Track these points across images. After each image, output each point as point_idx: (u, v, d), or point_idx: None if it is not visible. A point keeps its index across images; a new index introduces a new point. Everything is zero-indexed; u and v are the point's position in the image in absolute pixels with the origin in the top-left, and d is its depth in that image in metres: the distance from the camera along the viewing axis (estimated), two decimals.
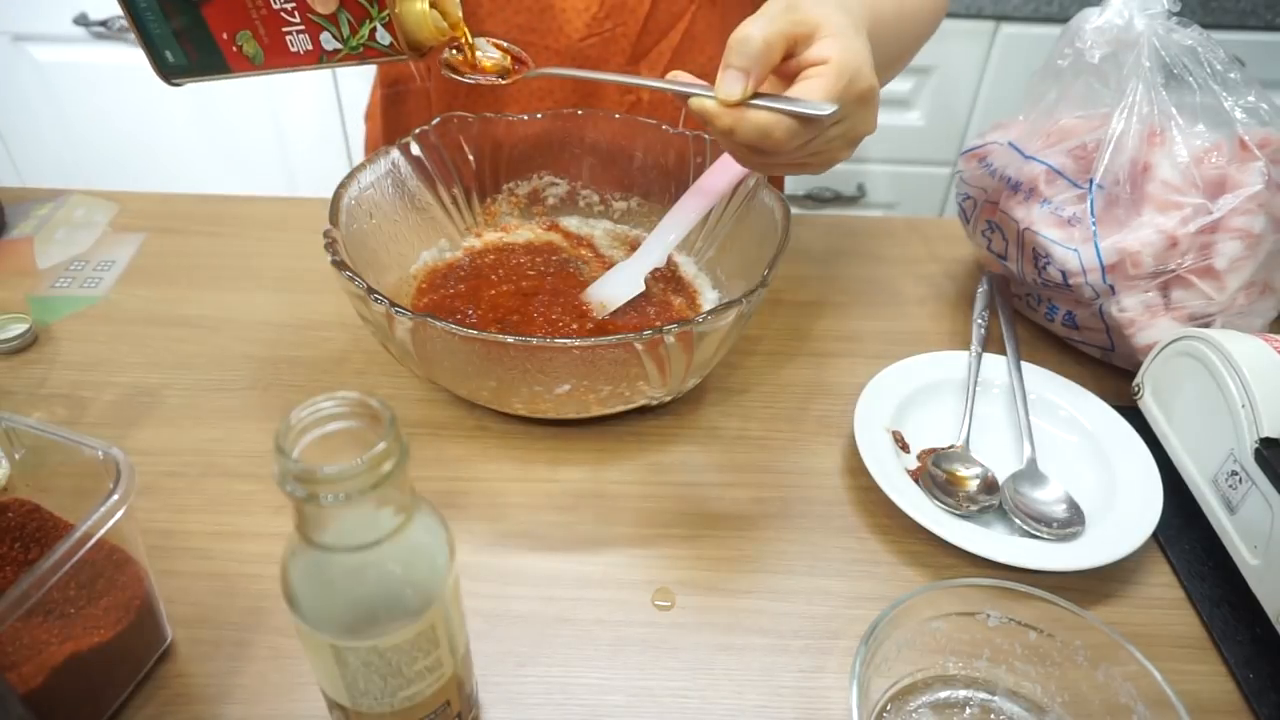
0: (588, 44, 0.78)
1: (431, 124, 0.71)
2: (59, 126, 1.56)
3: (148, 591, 0.45)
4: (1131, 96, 0.63)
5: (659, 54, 0.80)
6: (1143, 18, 0.63)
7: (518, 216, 0.78)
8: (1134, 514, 0.54)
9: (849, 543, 0.55)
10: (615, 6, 0.77)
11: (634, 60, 0.80)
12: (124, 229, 0.81)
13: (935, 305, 0.76)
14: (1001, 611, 0.45)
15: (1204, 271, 0.62)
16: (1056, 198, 0.66)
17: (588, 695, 0.47)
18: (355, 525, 0.33)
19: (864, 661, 0.41)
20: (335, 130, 1.55)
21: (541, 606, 0.51)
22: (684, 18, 0.79)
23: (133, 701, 0.45)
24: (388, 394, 0.64)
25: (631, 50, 0.79)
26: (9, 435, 0.45)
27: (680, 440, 0.62)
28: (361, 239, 0.63)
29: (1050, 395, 0.64)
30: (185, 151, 1.58)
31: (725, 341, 0.57)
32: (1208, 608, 0.52)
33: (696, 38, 0.81)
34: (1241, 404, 0.52)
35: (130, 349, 0.68)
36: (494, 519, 0.56)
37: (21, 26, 1.45)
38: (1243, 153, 0.62)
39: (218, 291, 0.74)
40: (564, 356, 0.52)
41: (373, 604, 0.35)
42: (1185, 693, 0.41)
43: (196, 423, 0.61)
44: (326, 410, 0.33)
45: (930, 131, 1.50)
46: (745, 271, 0.65)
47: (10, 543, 0.44)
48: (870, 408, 0.61)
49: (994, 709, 0.46)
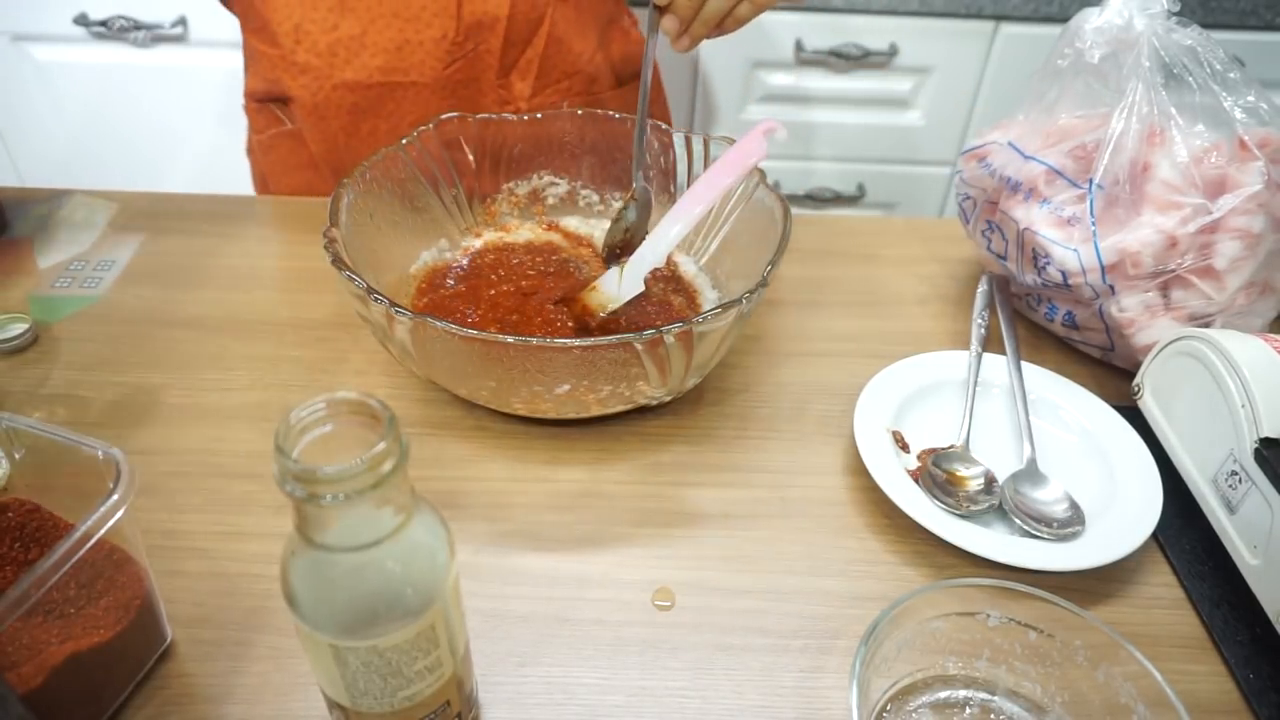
0: (454, 70, 0.77)
1: (431, 124, 0.71)
2: (59, 126, 1.55)
3: (148, 591, 0.45)
4: (1131, 96, 0.63)
5: (527, 62, 0.80)
6: (1142, 18, 0.63)
7: (518, 216, 0.78)
8: (1134, 514, 0.54)
9: (849, 543, 0.55)
10: (472, 27, 0.76)
11: (504, 74, 0.79)
12: (124, 229, 0.81)
13: (935, 305, 0.76)
14: (1001, 611, 0.45)
15: (1204, 271, 0.62)
16: (1056, 198, 0.66)
17: (588, 695, 0.47)
18: (355, 525, 0.33)
19: (864, 661, 0.41)
20: None
21: (541, 606, 0.51)
22: (544, 22, 0.79)
23: (133, 701, 0.45)
24: (388, 394, 0.64)
25: (499, 65, 0.78)
26: (9, 435, 0.45)
27: (680, 440, 0.62)
28: (361, 239, 0.63)
29: (1050, 395, 0.64)
30: (185, 152, 1.58)
31: (725, 341, 0.57)
32: (1208, 608, 0.52)
33: (561, 39, 0.80)
34: (1241, 404, 0.52)
35: (130, 349, 0.68)
36: (494, 519, 0.56)
37: (21, 26, 1.45)
38: (1242, 153, 0.62)
39: (218, 291, 0.74)
40: (564, 356, 0.52)
41: (373, 604, 0.35)
42: (1185, 693, 0.41)
43: (196, 423, 0.61)
44: (326, 410, 0.33)
45: (930, 131, 1.50)
46: (745, 271, 0.65)
47: (10, 543, 0.44)
48: (870, 408, 0.61)
49: (994, 709, 0.46)
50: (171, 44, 1.46)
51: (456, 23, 0.75)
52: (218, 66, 1.47)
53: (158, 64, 1.48)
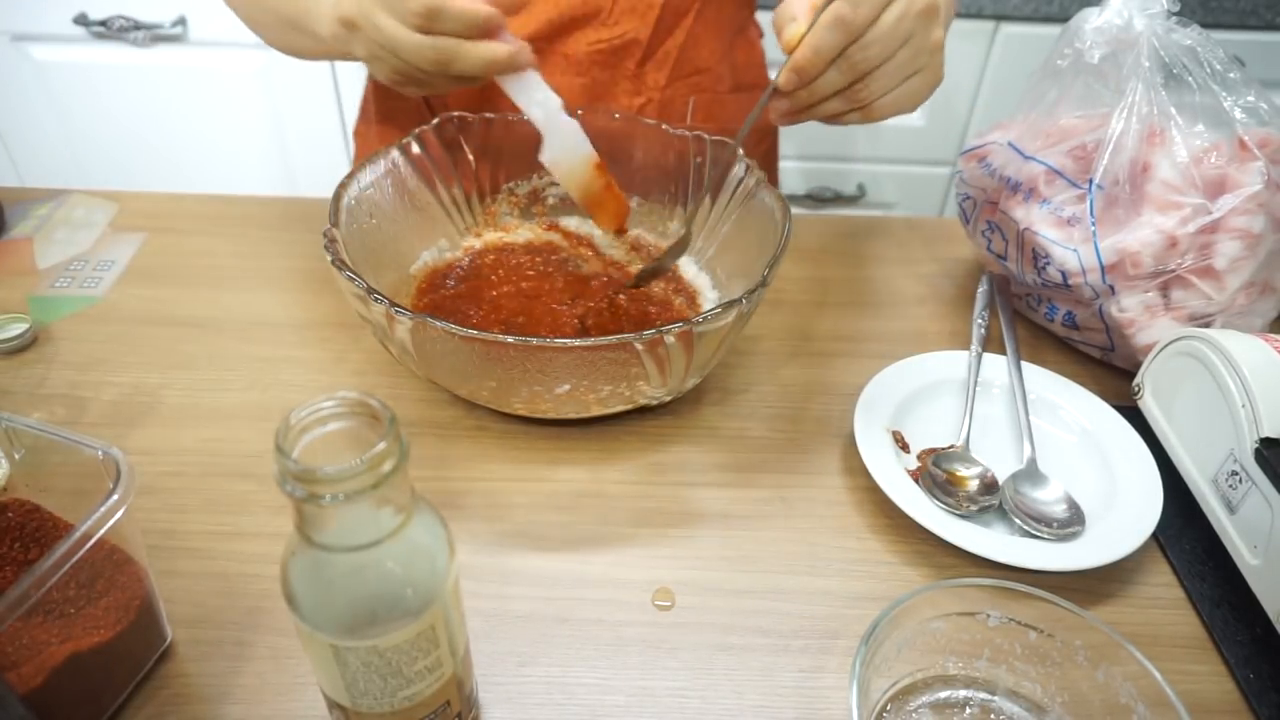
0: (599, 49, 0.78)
1: (431, 124, 0.71)
2: (59, 126, 1.56)
3: (148, 591, 0.45)
4: (1131, 96, 0.63)
5: (665, 53, 0.80)
6: (1142, 17, 0.63)
7: (518, 216, 0.78)
8: (1134, 514, 0.54)
9: (849, 543, 0.55)
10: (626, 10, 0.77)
11: (643, 62, 0.80)
12: (124, 229, 0.81)
13: (935, 305, 0.76)
14: (1001, 611, 0.45)
15: (1204, 271, 0.62)
16: (1056, 198, 0.66)
17: (588, 695, 0.47)
18: (355, 525, 0.33)
19: (864, 661, 0.41)
20: (335, 130, 1.55)
21: (541, 606, 0.51)
22: (689, 15, 0.80)
23: (133, 701, 0.45)
24: (388, 394, 0.64)
25: (642, 53, 0.79)
26: (9, 435, 0.45)
27: (680, 440, 0.62)
28: (361, 239, 0.63)
29: (1050, 395, 0.64)
30: (185, 151, 1.58)
31: (725, 341, 0.57)
32: (1208, 608, 0.52)
33: (699, 36, 0.81)
34: (1241, 404, 0.52)
35: (130, 349, 0.68)
36: (494, 519, 0.56)
37: (21, 26, 1.45)
38: (1242, 153, 0.62)
39: (218, 291, 0.74)
40: (564, 356, 0.52)
41: (373, 604, 0.35)
42: (1185, 693, 0.41)
43: (196, 423, 0.61)
44: (326, 410, 0.33)
45: (930, 131, 1.50)
46: (745, 271, 0.65)
47: (10, 543, 0.44)
48: (870, 408, 0.61)
49: (994, 709, 0.46)
50: (171, 44, 1.46)
51: (612, 2, 0.76)
52: (217, 66, 1.48)
53: (157, 64, 1.48)
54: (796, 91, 0.56)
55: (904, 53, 0.55)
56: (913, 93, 0.58)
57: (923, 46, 0.56)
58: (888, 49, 0.54)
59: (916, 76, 0.57)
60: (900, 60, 0.55)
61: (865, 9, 0.52)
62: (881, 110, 0.58)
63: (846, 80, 0.55)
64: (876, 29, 0.53)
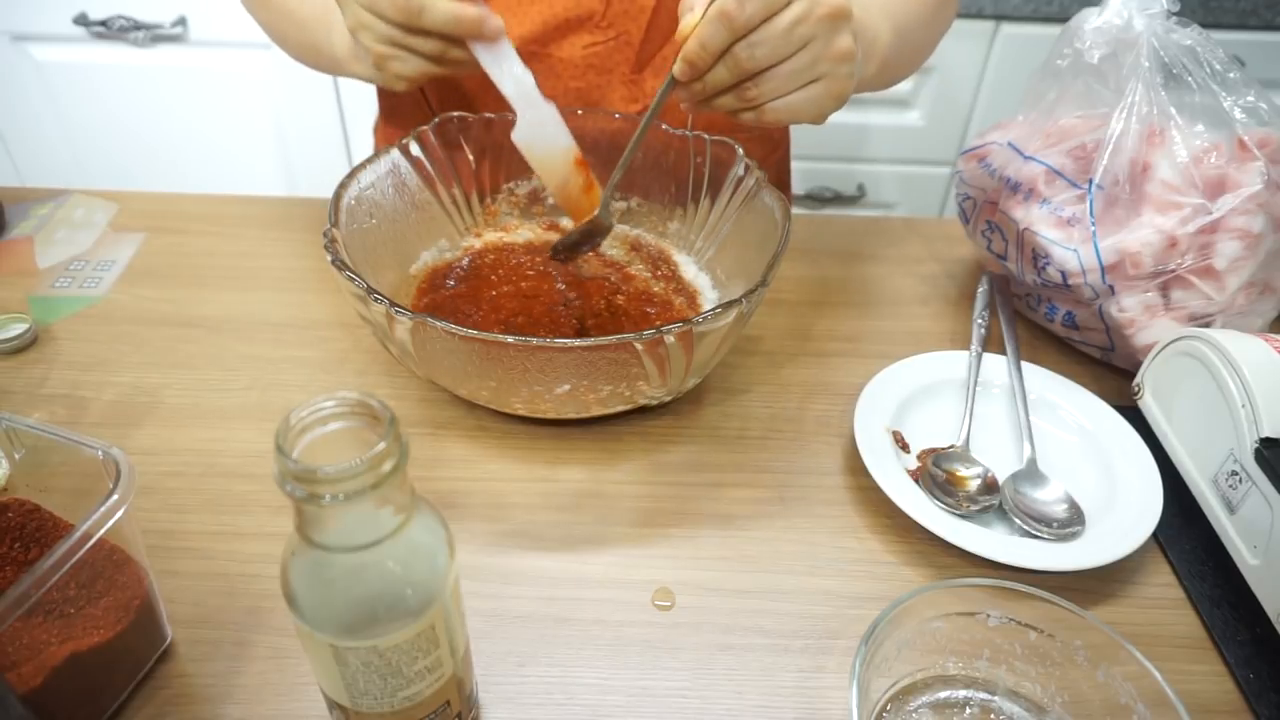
0: (593, 52, 0.77)
1: (431, 124, 0.71)
2: (59, 126, 1.56)
3: (148, 591, 0.45)
4: (1131, 96, 0.63)
5: (663, 59, 0.80)
6: (1142, 18, 0.63)
7: (518, 216, 0.78)
8: (1134, 514, 0.54)
9: (849, 543, 0.55)
10: (619, 14, 0.77)
11: (638, 68, 0.80)
12: (124, 229, 0.81)
13: (935, 305, 0.76)
14: (1001, 611, 0.45)
15: (1204, 271, 0.62)
16: (1056, 198, 0.66)
17: (588, 695, 0.47)
18: (355, 525, 0.33)
19: (864, 661, 0.41)
20: (335, 130, 1.55)
21: (541, 606, 0.51)
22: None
23: (133, 701, 0.45)
24: (388, 394, 0.64)
25: (636, 58, 0.79)
26: (9, 435, 0.45)
27: (680, 440, 0.62)
28: (361, 239, 0.63)
29: (1050, 395, 0.64)
30: (185, 151, 1.58)
31: (725, 341, 0.57)
32: (1208, 608, 0.52)
33: None
34: (1241, 404, 0.52)
35: (130, 349, 0.68)
36: (494, 519, 0.56)
37: (21, 26, 1.45)
38: (1242, 153, 0.62)
39: (218, 291, 0.74)
40: (564, 357, 0.52)
41: (373, 604, 0.35)
42: (1185, 693, 0.41)
43: (196, 423, 0.61)
44: (326, 410, 0.33)
45: (930, 131, 1.50)
46: (745, 271, 0.65)
47: (10, 543, 0.44)
48: (870, 408, 0.61)
49: (994, 709, 0.46)
50: (171, 44, 1.46)
51: (605, 5, 0.76)
52: (218, 66, 1.48)
53: (157, 64, 1.48)
54: (691, 83, 0.55)
55: (801, 58, 0.53)
56: (812, 100, 0.56)
57: (824, 54, 0.54)
58: (779, 51, 0.52)
59: (817, 84, 0.55)
60: (796, 65, 0.53)
61: (752, 6, 0.50)
62: (775, 114, 0.56)
63: (734, 78, 0.54)
64: (768, 29, 0.51)
